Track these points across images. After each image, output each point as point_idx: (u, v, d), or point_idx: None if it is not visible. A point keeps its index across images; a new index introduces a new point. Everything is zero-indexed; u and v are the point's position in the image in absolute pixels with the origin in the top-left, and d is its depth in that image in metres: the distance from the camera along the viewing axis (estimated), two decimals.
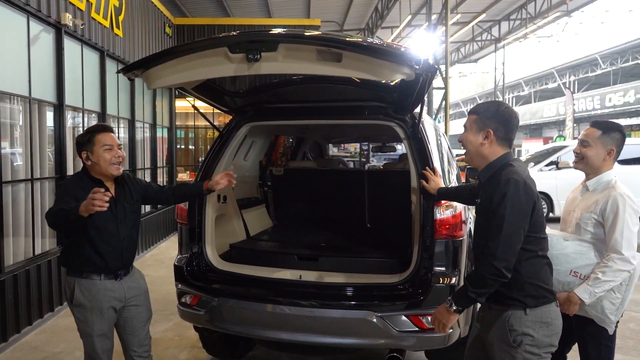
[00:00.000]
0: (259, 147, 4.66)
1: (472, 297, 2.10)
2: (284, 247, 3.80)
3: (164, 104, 9.98)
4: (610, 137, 2.57)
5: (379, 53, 2.44)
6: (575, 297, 2.45)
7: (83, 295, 2.67)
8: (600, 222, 2.50)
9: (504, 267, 2.02)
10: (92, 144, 2.65)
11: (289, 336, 3.08)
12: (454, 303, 2.16)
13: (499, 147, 2.24)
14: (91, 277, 2.68)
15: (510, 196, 2.04)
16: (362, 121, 3.63)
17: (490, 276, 2.04)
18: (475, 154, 2.28)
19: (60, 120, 5.53)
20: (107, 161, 2.64)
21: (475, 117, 2.27)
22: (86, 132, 2.75)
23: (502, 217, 2.03)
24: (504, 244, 2.03)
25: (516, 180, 2.06)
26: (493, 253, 2.03)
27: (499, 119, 2.22)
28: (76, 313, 2.72)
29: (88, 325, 2.68)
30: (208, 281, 3.32)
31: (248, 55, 2.48)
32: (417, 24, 19.76)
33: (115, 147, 2.68)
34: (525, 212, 2.07)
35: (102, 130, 2.72)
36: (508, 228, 2.03)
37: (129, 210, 2.82)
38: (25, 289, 4.73)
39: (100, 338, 2.70)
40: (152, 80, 2.76)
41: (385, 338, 2.92)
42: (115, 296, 2.72)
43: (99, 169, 2.67)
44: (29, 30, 4.96)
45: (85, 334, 2.72)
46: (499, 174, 2.17)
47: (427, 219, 2.97)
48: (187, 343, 4.45)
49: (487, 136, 2.22)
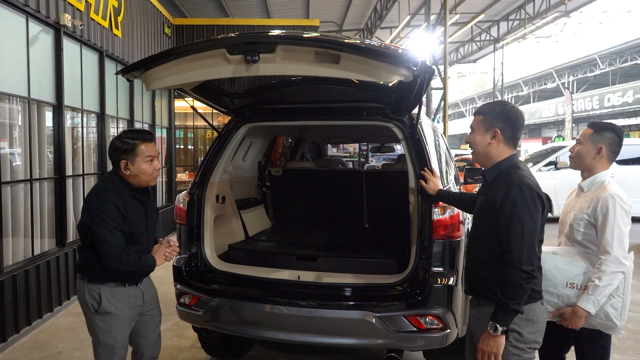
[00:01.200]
0: (257, 147, 4.66)
1: (515, 310, 2.10)
2: (282, 248, 3.81)
3: (163, 104, 9.99)
4: (600, 136, 2.59)
5: (376, 54, 2.45)
6: (581, 310, 2.43)
7: (111, 303, 2.55)
8: (592, 223, 2.51)
9: (531, 270, 2.10)
10: (134, 154, 2.52)
11: (287, 336, 3.08)
12: (498, 326, 2.12)
13: (506, 147, 2.29)
14: (117, 284, 2.59)
15: (528, 202, 2.11)
16: (361, 122, 3.64)
17: (524, 282, 2.09)
18: (483, 154, 2.33)
19: (59, 120, 5.54)
20: (148, 174, 2.56)
21: (481, 117, 2.32)
22: (127, 138, 2.55)
23: (522, 223, 2.10)
24: (527, 249, 2.10)
25: (529, 186, 2.14)
26: (519, 259, 2.09)
27: (505, 119, 2.27)
28: (99, 322, 2.56)
29: (111, 335, 2.56)
30: (207, 281, 3.33)
31: (246, 57, 2.49)
32: (416, 24, 19.79)
33: (156, 158, 2.58)
34: (539, 216, 2.15)
35: (146, 139, 2.56)
36: (529, 233, 2.10)
37: (154, 218, 2.80)
38: (25, 289, 4.73)
39: (121, 349, 2.63)
40: (150, 82, 2.76)
41: (383, 338, 2.93)
42: (137, 303, 2.68)
43: (136, 180, 2.57)
44: (28, 30, 4.97)
45: (105, 345, 2.58)
46: (507, 175, 2.22)
47: (425, 220, 2.98)
48: (186, 343, 4.46)
49: (494, 136, 2.27)
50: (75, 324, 4.97)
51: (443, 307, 2.91)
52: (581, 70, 30.05)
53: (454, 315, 2.94)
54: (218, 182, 3.62)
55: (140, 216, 2.62)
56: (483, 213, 2.28)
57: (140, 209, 2.63)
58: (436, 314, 2.91)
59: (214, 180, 3.56)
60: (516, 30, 23.30)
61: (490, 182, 2.30)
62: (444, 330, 2.92)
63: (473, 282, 2.39)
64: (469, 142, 2.37)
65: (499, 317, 2.12)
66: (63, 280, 5.46)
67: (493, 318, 2.14)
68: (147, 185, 2.64)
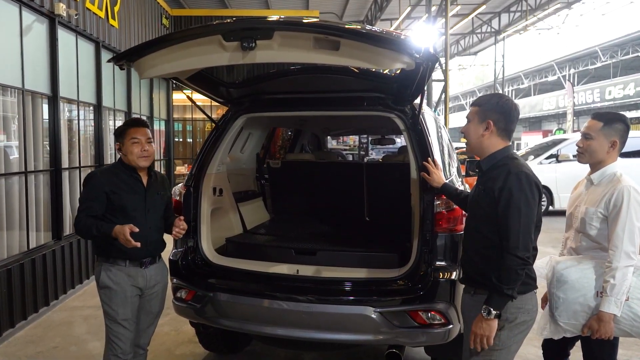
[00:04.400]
0: (256, 139, 4.58)
1: (509, 294, 2.13)
2: (281, 241, 3.74)
3: (162, 96, 9.90)
4: (612, 129, 2.49)
5: (378, 41, 2.35)
6: (605, 314, 2.35)
7: (108, 278, 2.78)
8: (606, 217, 2.43)
9: (527, 256, 2.13)
10: (123, 137, 2.82)
11: (285, 332, 3.02)
12: (492, 309, 2.15)
13: (499, 139, 2.31)
14: (117, 262, 2.80)
15: (524, 189, 2.14)
16: (361, 112, 3.56)
17: (519, 267, 2.11)
18: (476, 144, 2.36)
19: (54, 112, 5.45)
20: (134, 154, 2.80)
21: (477, 108, 2.35)
22: (122, 124, 2.96)
23: (519, 210, 2.13)
24: (523, 235, 2.12)
25: (527, 174, 2.17)
26: (515, 245, 2.11)
27: (499, 111, 2.29)
28: (102, 296, 2.83)
29: (112, 308, 2.78)
30: (203, 276, 3.27)
31: (243, 44, 2.40)
32: (417, 15, 19.61)
33: (143, 141, 2.82)
34: (536, 204, 2.18)
35: (134, 124, 2.88)
36: (525, 220, 2.13)
37: (158, 201, 2.95)
38: (20, 283, 4.67)
39: (125, 323, 2.79)
40: (144, 70, 2.68)
41: (384, 334, 2.86)
42: (137, 284, 2.83)
43: (127, 160, 2.83)
44: (22, 20, 4.87)
45: (110, 318, 2.80)
46: (503, 165, 2.25)
47: (427, 213, 2.91)
48: (184, 337, 4.41)
49: (487, 127, 2.30)
50: (72, 318, 4.91)
51: (445, 302, 2.85)
52: (582, 62, 29.92)
53: (456, 310, 2.87)
54: (215, 174, 3.54)
55: (135, 193, 2.84)
56: (481, 201, 2.29)
57: (137, 187, 2.86)
58: (438, 309, 2.85)
59: (210, 172, 3.49)
60: (517, 22, 23.10)
61: (486, 172, 2.32)
62: (446, 325, 2.85)
63: (470, 271, 2.39)
64: (464, 133, 2.40)
65: (492, 302, 2.15)
66: (59, 273, 5.39)
67: (487, 302, 2.17)
68: (137, 165, 2.83)
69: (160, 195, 2.97)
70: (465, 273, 2.44)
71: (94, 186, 2.78)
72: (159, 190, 2.97)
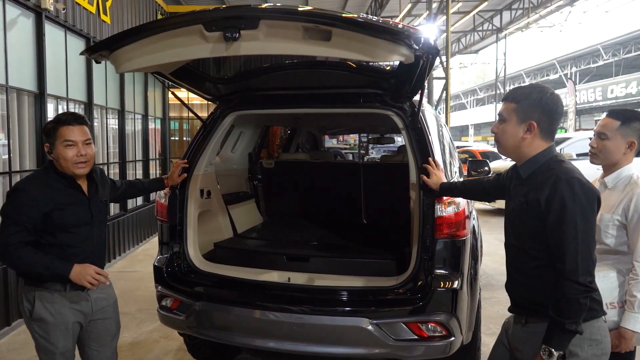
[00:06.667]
0: (247, 138, 4.39)
1: (573, 330, 1.76)
2: (272, 246, 3.54)
3: (157, 94, 9.69)
4: (630, 128, 2.29)
5: (373, 30, 2.14)
6: (628, 332, 2.17)
7: (45, 309, 2.32)
8: (624, 224, 2.23)
9: (589, 281, 1.76)
10: (53, 137, 2.30)
11: (276, 345, 2.82)
12: (554, 350, 1.78)
13: (542, 141, 1.92)
14: (55, 287, 2.33)
15: (580, 200, 1.76)
16: (357, 110, 3.36)
17: (581, 296, 1.75)
18: (513, 148, 1.96)
19: (41, 110, 5.26)
20: (67, 160, 2.30)
21: (514, 105, 1.93)
22: (52, 120, 2.37)
23: (575, 225, 1.75)
24: (583, 256, 1.75)
25: (580, 181, 1.79)
26: (574, 270, 1.75)
27: (543, 109, 1.89)
28: (36, 329, 2.35)
29: (50, 342, 2.34)
30: (189, 283, 3.08)
31: (225, 34, 2.19)
32: (417, 13, 19.41)
33: (79, 143, 2.31)
34: (594, 217, 1.82)
35: (67, 122, 2.31)
36: (583, 237, 1.76)
37: (102, 210, 2.54)
38: (3, 287, 4.50)
39: (63, 356, 2.39)
40: (120, 63, 2.47)
41: (381, 347, 2.67)
42: (81, 310, 2.40)
43: (60, 166, 2.34)
44: (5, 13, 4.68)
45: (46, 351, 2.37)
46: (549, 170, 1.87)
47: (427, 217, 2.72)
48: (173, 345, 4.22)
49: (529, 129, 1.90)
50: None
51: (446, 312, 2.66)
52: (584, 61, 29.72)
53: (458, 321, 2.69)
54: (202, 175, 3.34)
55: (78, 207, 2.38)
56: (523, 216, 1.91)
57: (80, 200, 2.39)
58: (439, 321, 2.66)
59: (197, 173, 3.29)
60: (519, 19, 22.90)
61: (527, 179, 1.93)
62: (447, 338, 2.67)
63: (517, 296, 2.03)
64: (497, 133, 1.99)
65: (554, 340, 1.78)
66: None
67: (547, 341, 1.79)
68: (71, 173, 2.34)
69: (104, 203, 2.55)
70: (512, 299, 2.06)
71: (27, 206, 2.23)
72: (102, 197, 2.53)
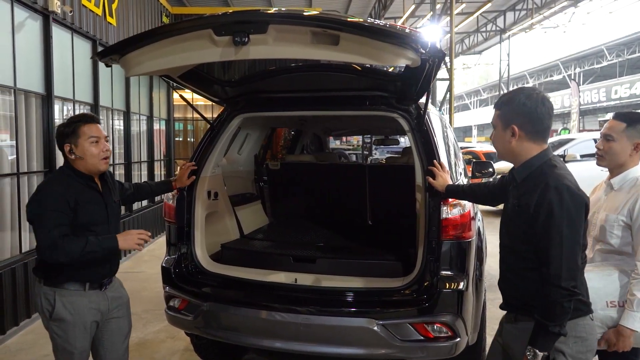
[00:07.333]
0: (253, 139, 4.42)
1: (557, 332, 1.81)
2: (279, 248, 3.57)
3: (162, 95, 9.75)
4: (636, 130, 2.31)
5: (380, 35, 2.17)
6: (626, 330, 2.18)
7: (65, 309, 2.35)
8: (629, 225, 2.25)
9: (572, 286, 1.80)
10: (76, 136, 2.37)
11: (282, 345, 2.85)
12: (538, 351, 1.83)
13: (531, 143, 1.95)
14: (74, 287, 2.38)
15: (567, 207, 1.80)
16: (363, 112, 3.39)
17: (564, 300, 1.79)
18: (505, 153, 2.03)
19: (48, 111, 5.31)
20: (94, 156, 2.39)
21: (498, 112, 2.01)
22: (69, 121, 2.44)
23: (560, 232, 1.79)
24: (567, 262, 1.79)
25: (569, 188, 1.82)
26: (558, 274, 1.79)
27: (522, 112, 1.93)
28: (55, 329, 2.39)
29: (69, 342, 2.38)
30: (197, 284, 3.11)
31: (235, 38, 2.22)
32: (421, 14, 19.42)
33: (102, 139, 2.43)
34: (581, 224, 1.85)
35: (88, 120, 2.42)
36: (568, 244, 1.80)
37: (116, 210, 2.61)
38: (12, 287, 4.54)
39: (81, 355, 2.43)
40: (130, 67, 2.50)
41: (387, 348, 2.69)
42: (99, 308, 2.45)
43: (84, 164, 2.40)
44: (14, 16, 4.73)
45: (64, 351, 2.41)
46: (541, 175, 1.91)
47: (433, 218, 2.74)
48: (180, 345, 4.25)
49: (513, 133, 1.95)
50: None
51: (452, 313, 2.68)
52: (588, 61, 29.65)
53: (464, 322, 2.71)
54: (210, 177, 3.38)
55: (96, 206, 2.45)
56: (515, 219, 1.97)
57: (97, 199, 2.46)
58: (445, 322, 2.68)
59: (205, 175, 3.32)
60: (523, 20, 22.88)
61: (521, 183, 1.97)
62: (453, 338, 2.69)
63: (508, 294, 2.09)
64: (492, 140, 2.08)
65: (538, 342, 1.83)
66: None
67: (532, 342, 1.84)
68: (97, 169, 2.44)
69: (117, 203, 2.62)
70: (504, 297, 2.12)
71: (57, 203, 2.28)
72: (115, 197, 2.60)
